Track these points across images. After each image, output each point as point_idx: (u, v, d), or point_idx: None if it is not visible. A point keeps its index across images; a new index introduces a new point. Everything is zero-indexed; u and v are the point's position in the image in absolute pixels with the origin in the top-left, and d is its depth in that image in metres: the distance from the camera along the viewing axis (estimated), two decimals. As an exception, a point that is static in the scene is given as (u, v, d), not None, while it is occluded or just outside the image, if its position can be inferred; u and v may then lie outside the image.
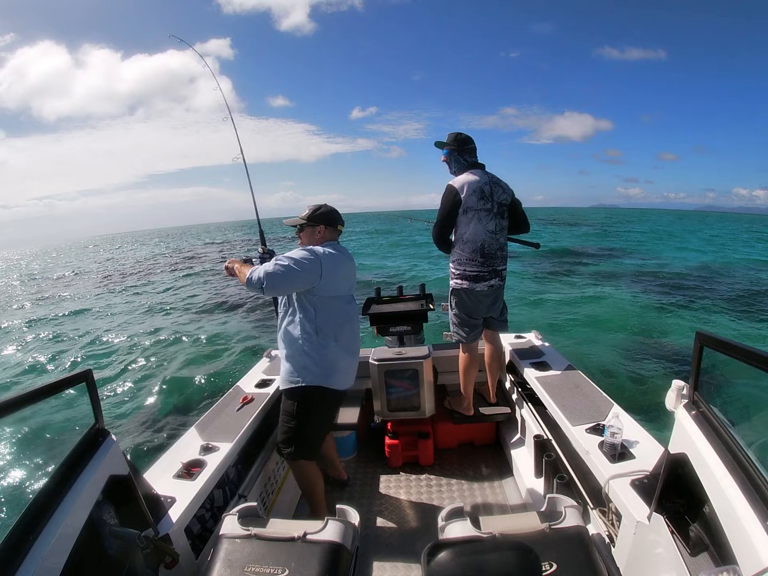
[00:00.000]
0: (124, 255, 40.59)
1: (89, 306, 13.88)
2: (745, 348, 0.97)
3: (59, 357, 8.23)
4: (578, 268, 16.56)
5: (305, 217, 2.04)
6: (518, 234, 2.63)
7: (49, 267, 36.75)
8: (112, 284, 19.14)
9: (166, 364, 7.23)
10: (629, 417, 1.87)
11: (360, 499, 2.47)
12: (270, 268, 1.82)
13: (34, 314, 13.05)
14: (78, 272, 26.77)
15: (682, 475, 1.22)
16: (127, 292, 16.39)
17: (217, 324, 9.75)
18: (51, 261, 47.38)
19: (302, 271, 1.84)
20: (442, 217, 2.44)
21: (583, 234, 35.26)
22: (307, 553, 1.23)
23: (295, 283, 1.89)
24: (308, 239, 2.05)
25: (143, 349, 8.21)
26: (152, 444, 4.51)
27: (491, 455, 2.82)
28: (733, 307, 10.06)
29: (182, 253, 34.80)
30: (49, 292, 18.20)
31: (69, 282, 22.09)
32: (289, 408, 2.00)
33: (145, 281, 19.08)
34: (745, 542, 0.94)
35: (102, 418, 1.33)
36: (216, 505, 1.84)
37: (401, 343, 2.94)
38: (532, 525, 1.26)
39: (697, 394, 1.23)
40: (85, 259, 40.89)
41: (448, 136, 2.48)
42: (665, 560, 1.24)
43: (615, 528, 1.52)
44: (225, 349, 7.86)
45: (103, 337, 9.25)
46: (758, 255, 21.32)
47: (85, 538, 1.11)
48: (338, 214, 2.09)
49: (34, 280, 25.57)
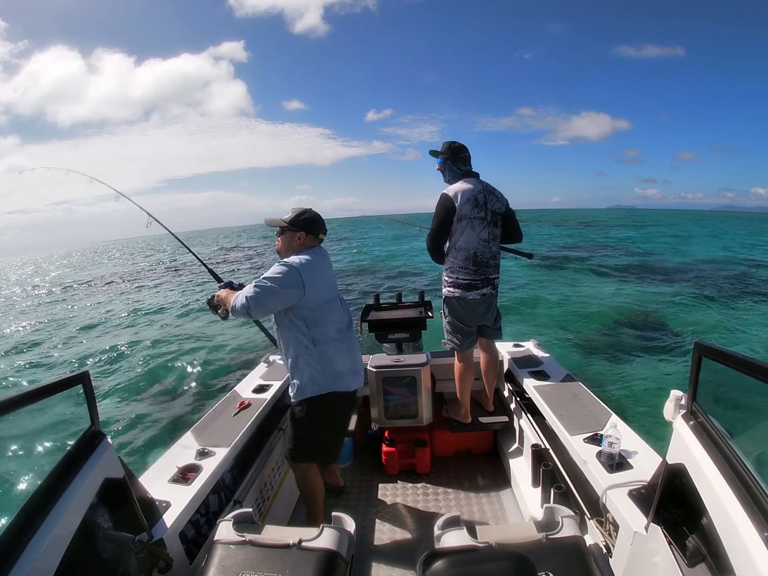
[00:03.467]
0: (134, 260, 40.62)
1: (91, 308, 13.89)
2: (744, 358, 0.98)
3: (57, 358, 8.20)
4: (578, 271, 16.57)
5: (287, 221, 1.97)
6: (511, 243, 2.65)
7: (65, 272, 36.79)
8: (116, 288, 19.15)
9: (164, 368, 7.21)
10: (627, 427, 1.86)
11: (356, 507, 2.45)
12: (250, 292, 1.78)
13: (38, 315, 13.04)
14: (85, 277, 26.72)
15: (680, 485, 1.22)
16: (128, 295, 16.39)
17: (215, 329, 9.72)
18: (67, 265, 47.48)
19: (282, 287, 1.81)
20: (436, 225, 2.45)
21: (603, 236, 35.09)
22: (302, 561, 1.22)
23: (278, 301, 1.85)
24: (286, 244, 1.99)
25: (141, 353, 8.19)
26: (148, 448, 4.49)
27: (488, 464, 2.80)
28: (737, 311, 10.07)
29: (188, 256, 34.74)
30: (54, 297, 18.21)
31: (75, 286, 22.06)
32: (303, 418, 1.98)
33: (147, 285, 19.10)
34: (743, 553, 0.93)
35: (98, 421, 1.32)
36: (211, 510, 1.83)
37: (399, 350, 2.93)
38: (529, 535, 1.25)
39: (695, 405, 1.23)
40: (92, 264, 40.85)
41: (443, 145, 2.50)
42: (662, 571, 1.24)
43: (612, 538, 1.51)
44: (223, 353, 7.84)
45: (102, 340, 9.23)
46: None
47: (78, 540, 1.10)
48: (322, 222, 2.02)
49: (40, 285, 25.58)
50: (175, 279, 20.67)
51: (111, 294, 17.35)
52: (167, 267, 27.26)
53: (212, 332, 9.40)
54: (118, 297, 16.17)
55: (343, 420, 2.14)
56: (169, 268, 26.32)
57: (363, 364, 2.13)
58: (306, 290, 1.85)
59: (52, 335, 9.97)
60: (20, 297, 19.80)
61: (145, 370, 7.13)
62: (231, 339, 8.73)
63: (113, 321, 11.33)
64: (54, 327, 11.13)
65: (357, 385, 2.08)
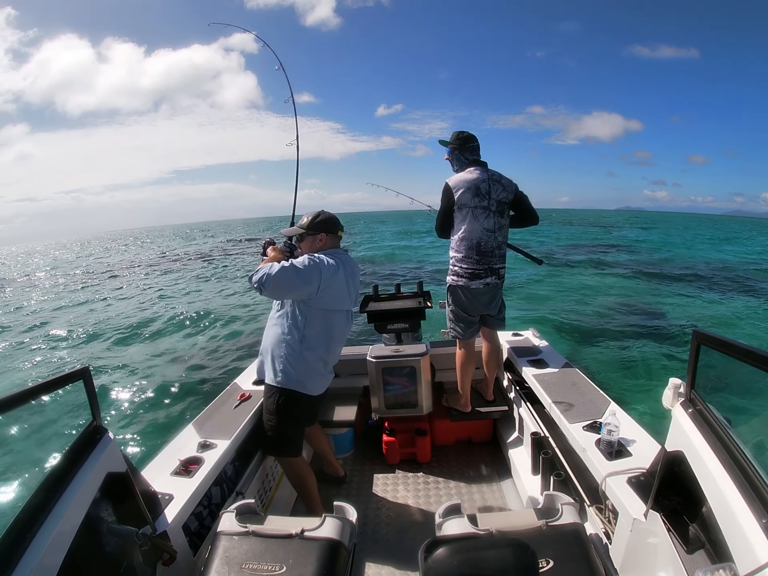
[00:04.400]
0: (140, 250, 40.40)
1: (91, 299, 13.86)
2: (742, 346, 0.98)
3: (57, 353, 8.20)
4: (580, 265, 16.57)
5: (304, 225, 2.00)
6: (527, 226, 2.64)
7: (69, 260, 36.55)
8: (118, 280, 19.09)
9: (164, 362, 7.21)
10: (626, 415, 1.88)
11: (357, 496, 2.48)
12: (273, 272, 1.81)
13: (40, 306, 13.01)
14: (85, 268, 26.63)
15: (679, 472, 1.23)
16: (130, 288, 16.33)
17: (215, 321, 9.72)
18: (73, 253, 47.26)
19: (300, 282, 1.84)
20: (440, 214, 2.52)
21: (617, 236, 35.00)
22: (305, 550, 1.23)
23: (291, 293, 1.90)
24: (309, 248, 2.01)
25: (141, 346, 8.20)
26: (150, 441, 4.50)
27: (489, 453, 2.82)
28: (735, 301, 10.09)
29: (192, 247, 34.65)
30: (58, 288, 18.17)
31: (76, 276, 21.98)
32: (270, 405, 2.03)
33: (149, 277, 19.01)
34: (742, 539, 0.94)
35: (99, 416, 1.33)
36: (214, 502, 1.84)
37: (399, 340, 2.94)
38: (529, 522, 1.26)
39: (694, 392, 1.23)
40: (97, 255, 40.67)
41: (452, 134, 2.51)
42: (662, 557, 1.25)
43: (612, 525, 1.52)
44: (223, 346, 7.85)
45: (102, 335, 9.22)
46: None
47: (82, 535, 1.11)
48: (337, 221, 2.06)
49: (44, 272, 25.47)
50: (173, 271, 20.60)
51: (114, 285, 17.26)
52: (176, 258, 27.20)
53: (212, 324, 9.40)
54: (120, 289, 16.08)
55: (302, 418, 2.14)
56: (176, 260, 26.29)
57: (330, 379, 2.16)
58: (320, 291, 1.87)
59: (50, 329, 9.95)
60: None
61: (144, 364, 7.14)
62: (231, 332, 8.74)
63: (113, 316, 11.31)
64: (53, 319, 11.10)
65: (320, 392, 2.12)
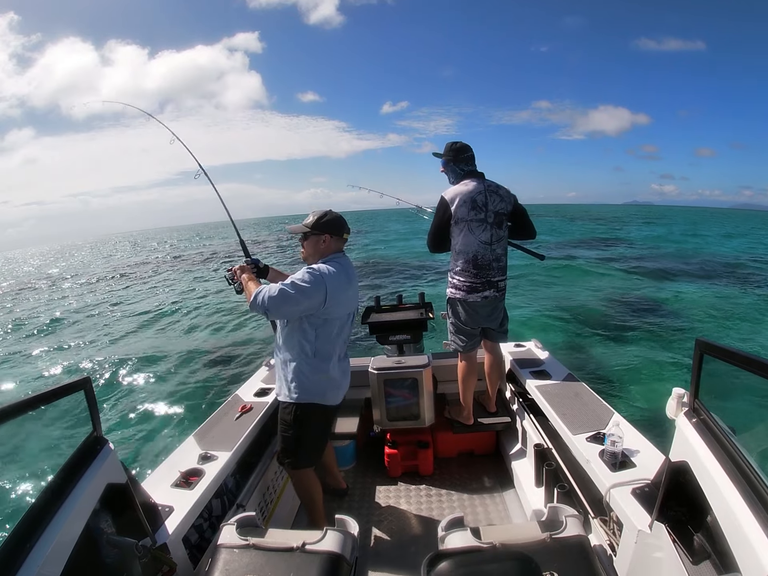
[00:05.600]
0: (141, 253, 40.47)
1: (90, 306, 13.89)
2: (746, 355, 0.98)
3: (57, 364, 8.19)
4: (584, 266, 16.46)
5: (309, 225, 1.95)
6: (523, 240, 2.63)
7: (71, 265, 36.66)
8: (116, 285, 19.14)
9: (165, 373, 7.20)
10: (630, 425, 1.86)
11: (359, 509, 2.45)
12: (274, 294, 1.78)
13: (44, 313, 13.03)
14: (81, 275, 26.71)
15: (684, 483, 1.21)
16: (128, 293, 16.36)
17: (216, 331, 9.72)
18: (72, 259, 47.47)
19: (306, 299, 1.80)
20: (433, 228, 2.47)
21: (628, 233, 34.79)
22: (306, 564, 1.22)
23: (298, 310, 1.85)
24: (312, 248, 1.98)
25: (142, 357, 8.17)
26: (150, 453, 4.48)
27: (491, 465, 2.79)
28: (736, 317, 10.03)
29: (194, 249, 34.72)
30: (57, 294, 18.24)
31: (72, 285, 22.04)
32: (287, 419, 2.00)
33: (150, 283, 18.99)
34: (748, 550, 0.93)
35: (100, 426, 1.33)
36: (214, 514, 1.83)
37: (401, 352, 2.93)
38: (533, 535, 1.25)
39: (697, 402, 1.23)
40: (98, 260, 40.83)
41: (445, 146, 2.48)
42: (667, 568, 1.23)
43: (616, 537, 1.50)
44: (224, 356, 7.83)
45: (102, 344, 9.22)
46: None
47: (82, 546, 1.10)
48: (344, 222, 2.01)
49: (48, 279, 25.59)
50: (185, 276, 20.48)
51: (112, 289, 17.28)
52: (180, 260, 27.32)
53: (213, 335, 9.39)
54: (118, 294, 16.09)
55: (322, 429, 2.12)
56: (180, 262, 26.39)
57: (348, 383, 2.15)
58: (328, 302, 1.84)
59: (51, 339, 9.96)
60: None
61: (145, 375, 7.12)
62: (231, 342, 8.72)
63: (113, 325, 11.31)
64: (53, 329, 11.11)
65: (339, 400, 2.10)
